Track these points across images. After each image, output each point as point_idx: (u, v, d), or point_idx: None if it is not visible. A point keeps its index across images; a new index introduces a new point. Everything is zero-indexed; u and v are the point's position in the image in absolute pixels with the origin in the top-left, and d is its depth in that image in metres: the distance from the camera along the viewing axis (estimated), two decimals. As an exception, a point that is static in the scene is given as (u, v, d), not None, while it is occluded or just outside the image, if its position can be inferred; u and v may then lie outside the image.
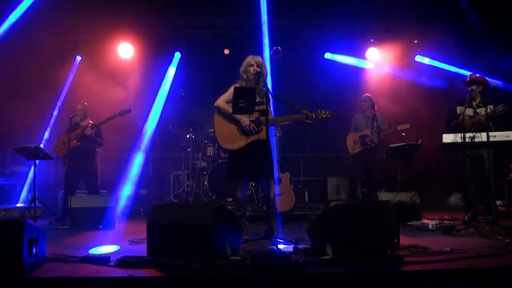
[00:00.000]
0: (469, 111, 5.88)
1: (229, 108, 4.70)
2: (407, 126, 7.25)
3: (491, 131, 5.34)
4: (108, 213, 6.22)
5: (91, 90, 8.70)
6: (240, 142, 4.72)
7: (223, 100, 4.82)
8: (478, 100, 5.95)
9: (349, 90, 9.34)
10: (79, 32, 9.14)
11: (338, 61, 9.99)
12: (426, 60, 9.99)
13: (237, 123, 4.74)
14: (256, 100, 4.55)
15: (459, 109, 5.97)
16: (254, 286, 2.98)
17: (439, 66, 9.85)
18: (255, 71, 4.73)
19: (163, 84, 9.69)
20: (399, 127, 7.24)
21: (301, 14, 9.33)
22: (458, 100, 6.16)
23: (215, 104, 4.84)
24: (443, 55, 9.54)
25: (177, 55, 9.75)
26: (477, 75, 6.03)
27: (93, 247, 3.99)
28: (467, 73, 8.12)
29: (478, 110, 5.83)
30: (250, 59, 4.85)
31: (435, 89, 9.79)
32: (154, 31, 9.59)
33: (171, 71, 9.79)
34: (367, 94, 7.79)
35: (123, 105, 7.23)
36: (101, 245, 4.15)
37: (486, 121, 5.51)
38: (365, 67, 10.04)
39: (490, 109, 5.63)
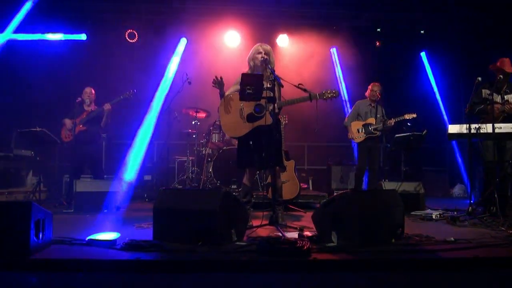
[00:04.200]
0: (496, 98, 5.62)
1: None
2: (414, 115, 7.12)
3: None
4: (113, 198, 6.26)
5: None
6: (244, 129, 4.70)
7: (231, 91, 4.81)
8: (505, 87, 5.70)
9: (355, 80, 9.31)
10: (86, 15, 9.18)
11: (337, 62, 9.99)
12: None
13: (240, 110, 4.73)
14: (263, 87, 4.53)
15: (484, 93, 5.71)
16: (259, 271, 3.00)
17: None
18: (262, 58, 4.71)
19: (167, 70, 9.67)
20: (406, 116, 7.13)
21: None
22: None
23: (225, 95, 4.82)
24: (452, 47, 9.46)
25: (183, 40, 9.69)
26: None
27: (97, 231, 3.97)
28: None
29: (506, 97, 5.60)
30: (258, 47, 4.83)
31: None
32: (159, 17, 9.56)
33: (175, 58, 9.76)
34: (377, 83, 7.67)
35: (126, 89, 7.22)
36: (106, 229, 4.13)
37: None
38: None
39: None
